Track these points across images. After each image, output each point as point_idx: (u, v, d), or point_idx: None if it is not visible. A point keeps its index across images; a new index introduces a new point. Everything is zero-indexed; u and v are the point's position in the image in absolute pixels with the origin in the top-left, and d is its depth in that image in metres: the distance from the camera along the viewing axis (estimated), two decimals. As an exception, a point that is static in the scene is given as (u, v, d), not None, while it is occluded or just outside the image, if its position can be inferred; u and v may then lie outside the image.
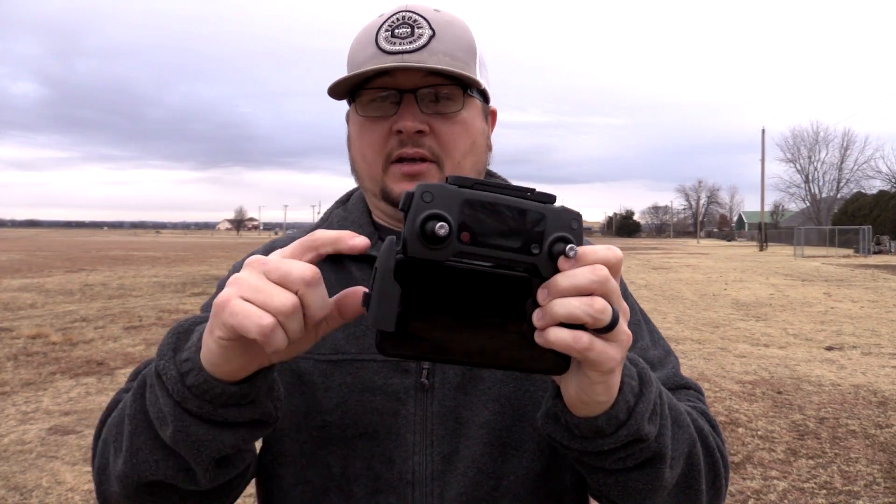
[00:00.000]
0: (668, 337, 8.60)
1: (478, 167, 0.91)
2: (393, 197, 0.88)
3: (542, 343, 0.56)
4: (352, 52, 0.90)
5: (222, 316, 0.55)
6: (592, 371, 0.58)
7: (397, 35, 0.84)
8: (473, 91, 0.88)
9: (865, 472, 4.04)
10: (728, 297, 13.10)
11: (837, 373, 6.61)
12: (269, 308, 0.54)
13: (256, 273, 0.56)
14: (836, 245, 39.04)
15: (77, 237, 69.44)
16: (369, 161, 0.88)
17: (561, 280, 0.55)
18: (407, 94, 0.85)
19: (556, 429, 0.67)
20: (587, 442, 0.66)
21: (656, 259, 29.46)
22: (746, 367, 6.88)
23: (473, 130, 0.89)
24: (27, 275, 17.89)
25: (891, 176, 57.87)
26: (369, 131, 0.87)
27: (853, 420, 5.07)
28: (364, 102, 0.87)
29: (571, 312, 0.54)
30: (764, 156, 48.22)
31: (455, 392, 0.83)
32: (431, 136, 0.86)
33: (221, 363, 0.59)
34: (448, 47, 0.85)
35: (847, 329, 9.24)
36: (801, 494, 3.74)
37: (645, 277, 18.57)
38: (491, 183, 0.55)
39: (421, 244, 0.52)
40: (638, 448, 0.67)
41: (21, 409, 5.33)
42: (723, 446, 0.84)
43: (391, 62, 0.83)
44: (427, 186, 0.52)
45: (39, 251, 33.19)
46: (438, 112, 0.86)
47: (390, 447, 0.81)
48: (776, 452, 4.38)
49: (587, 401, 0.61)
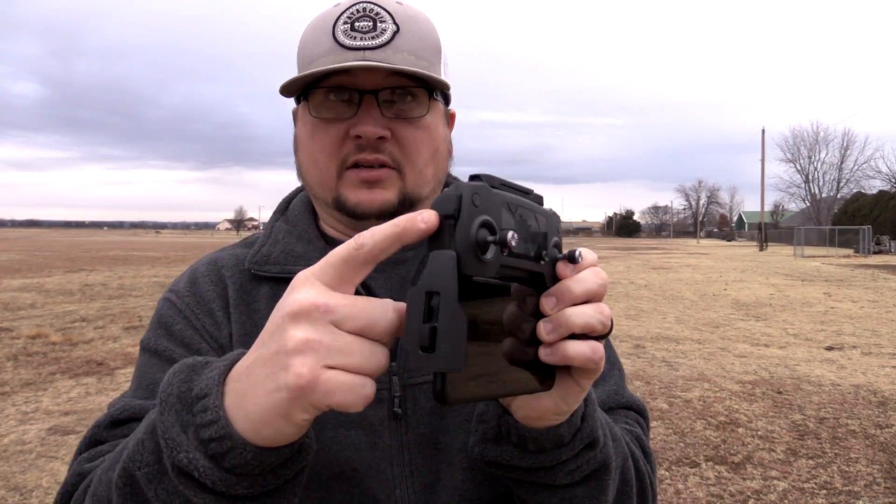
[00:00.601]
0: (667, 337, 8.60)
1: (439, 175, 0.85)
2: (348, 206, 0.80)
3: (553, 360, 0.50)
4: (304, 44, 0.81)
5: (315, 397, 0.43)
6: (586, 379, 0.54)
7: (357, 28, 0.76)
8: (438, 94, 0.82)
9: (865, 472, 4.04)
10: (728, 297, 13.10)
11: (837, 373, 6.61)
12: (368, 372, 0.44)
13: (325, 327, 0.44)
14: (836, 245, 39.03)
15: (77, 237, 69.44)
16: (321, 166, 0.80)
17: (573, 286, 0.50)
18: (367, 95, 0.77)
19: (501, 451, 0.62)
20: (542, 456, 0.61)
21: (656, 259, 29.45)
22: (746, 367, 6.87)
23: (437, 136, 0.83)
24: (27, 275, 17.88)
25: (891, 176, 57.88)
26: (322, 134, 0.79)
27: (853, 420, 5.07)
28: (317, 102, 0.79)
29: (588, 322, 0.50)
30: (764, 156, 48.24)
31: (430, 417, 0.76)
32: (392, 141, 0.79)
33: (281, 437, 0.47)
34: (413, 45, 0.78)
35: (847, 329, 9.23)
36: (801, 494, 3.74)
37: (645, 277, 18.56)
38: (512, 184, 0.50)
39: (476, 259, 0.43)
40: (589, 456, 0.64)
41: (21, 409, 5.32)
42: (653, 475, 0.80)
43: (353, 59, 0.75)
44: (475, 187, 0.44)
45: (39, 251, 33.17)
46: (401, 116, 0.79)
47: (371, 484, 0.74)
48: (776, 452, 4.38)
49: (565, 410, 0.57)
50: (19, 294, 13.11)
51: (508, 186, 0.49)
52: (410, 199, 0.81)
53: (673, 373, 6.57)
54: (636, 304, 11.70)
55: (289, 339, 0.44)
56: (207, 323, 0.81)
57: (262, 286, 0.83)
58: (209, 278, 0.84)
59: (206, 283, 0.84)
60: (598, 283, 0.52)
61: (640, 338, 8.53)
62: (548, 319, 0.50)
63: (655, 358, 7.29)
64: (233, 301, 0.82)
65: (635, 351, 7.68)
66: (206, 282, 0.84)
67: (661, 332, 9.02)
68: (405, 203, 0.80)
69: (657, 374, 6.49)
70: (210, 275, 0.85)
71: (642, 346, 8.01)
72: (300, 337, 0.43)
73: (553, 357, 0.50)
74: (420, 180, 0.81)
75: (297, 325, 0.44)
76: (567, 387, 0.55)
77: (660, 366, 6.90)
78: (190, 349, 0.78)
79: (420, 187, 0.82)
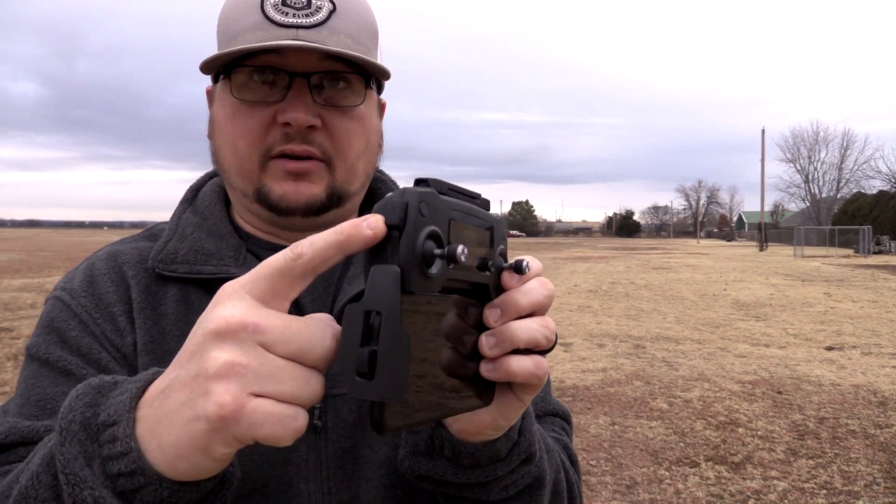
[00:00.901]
0: (667, 337, 8.60)
1: (368, 170, 0.79)
2: (272, 199, 0.73)
3: (495, 377, 0.47)
4: (227, 15, 0.73)
5: (238, 429, 0.38)
6: (528, 394, 0.51)
7: (290, 4, 0.69)
8: (373, 82, 0.76)
9: (865, 472, 4.04)
10: (728, 298, 13.10)
11: (837, 373, 6.61)
12: (300, 402, 0.39)
13: (254, 349, 0.39)
14: (836, 245, 39.04)
15: (77, 237, 69.42)
16: (242, 154, 0.72)
17: (520, 298, 0.47)
18: (298, 78, 0.70)
19: (433, 465, 0.59)
20: (477, 471, 0.58)
21: (656, 259, 29.46)
22: (746, 367, 6.88)
23: (370, 128, 0.77)
24: (27, 275, 17.88)
25: (891, 176, 57.89)
26: (245, 118, 0.71)
27: (853, 420, 5.07)
28: (240, 82, 0.71)
29: (533, 336, 0.47)
30: (764, 156, 48.25)
31: (352, 430, 0.70)
32: (323, 131, 0.72)
33: (201, 472, 0.42)
34: (351, 27, 0.71)
35: (847, 329, 9.23)
36: (801, 494, 3.74)
37: (645, 277, 18.57)
38: (459, 188, 0.46)
39: (421, 274, 0.39)
40: (525, 470, 0.61)
41: (21, 409, 5.33)
42: (580, 483, 0.77)
43: (284, 38, 0.68)
44: (423, 194, 0.40)
45: (39, 251, 33.18)
46: (334, 104, 0.72)
47: (282, 501, 0.67)
48: (776, 452, 4.38)
49: (504, 425, 0.54)
50: (19, 294, 13.11)
51: (456, 191, 0.45)
52: (339, 194, 0.75)
53: (673, 373, 6.57)
54: (636, 304, 11.71)
55: (211, 362, 0.38)
56: (108, 329, 0.71)
57: (170, 287, 0.74)
58: (109, 277, 0.74)
59: (106, 283, 0.74)
60: (544, 295, 0.48)
61: (640, 338, 8.54)
62: (490, 333, 0.47)
63: (655, 358, 7.29)
64: (137, 304, 0.72)
65: (635, 351, 7.68)
66: (105, 281, 0.74)
67: (661, 332, 9.02)
68: (333, 198, 0.75)
69: (657, 374, 6.50)
70: (110, 273, 0.75)
71: (642, 346, 8.01)
72: (224, 359, 0.38)
73: (495, 373, 0.47)
74: (350, 175, 0.75)
75: (221, 346, 0.38)
76: (507, 401, 0.52)
77: (660, 366, 6.90)
78: (87, 359, 0.69)
79: (350, 182, 0.76)
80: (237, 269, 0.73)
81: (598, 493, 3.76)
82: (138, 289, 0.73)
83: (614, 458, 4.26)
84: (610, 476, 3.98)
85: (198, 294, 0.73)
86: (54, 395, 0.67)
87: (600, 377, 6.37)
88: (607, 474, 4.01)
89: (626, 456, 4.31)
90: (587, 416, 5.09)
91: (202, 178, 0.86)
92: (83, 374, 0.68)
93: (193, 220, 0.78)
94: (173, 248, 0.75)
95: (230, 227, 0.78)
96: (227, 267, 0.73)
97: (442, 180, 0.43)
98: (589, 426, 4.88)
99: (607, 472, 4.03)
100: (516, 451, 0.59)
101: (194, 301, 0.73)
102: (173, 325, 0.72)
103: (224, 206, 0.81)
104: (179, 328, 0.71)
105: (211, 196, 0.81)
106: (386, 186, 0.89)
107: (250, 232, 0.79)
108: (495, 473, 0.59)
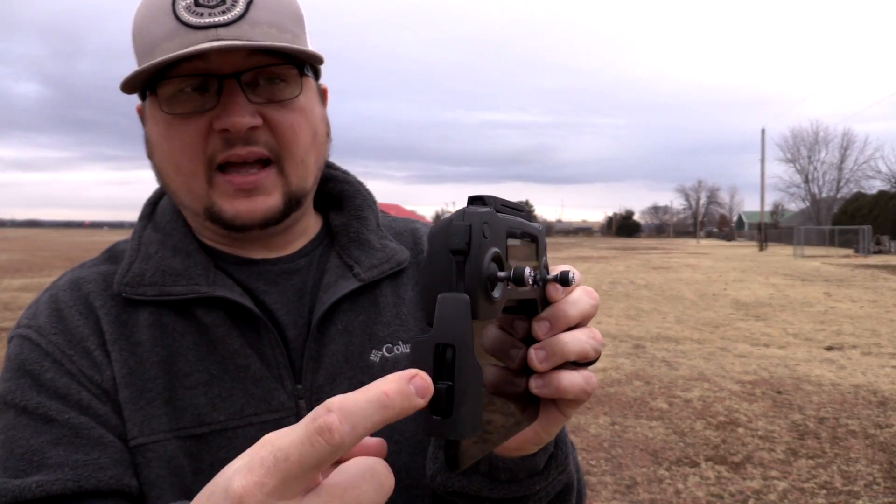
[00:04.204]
0: (667, 337, 8.61)
1: (320, 163, 0.75)
2: (225, 219, 0.69)
3: (545, 393, 0.46)
4: (139, 27, 0.68)
5: None
6: (572, 408, 0.50)
7: (203, 3, 0.64)
8: (308, 69, 0.72)
9: (865, 472, 4.04)
10: (728, 297, 13.10)
11: (837, 373, 6.61)
12: None
13: None
14: (836, 245, 39.06)
15: (77, 237, 69.42)
16: (185, 171, 0.68)
17: (568, 309, 0.46)
18: (228, 80, 0.65)
19: (468, 482, 0.56)
20: (514, 486, 0.56)
21: (656, 259, 29.46)
22: (746, 366, 6.88)
23: (314, 118, 0.73)
24: (27, 275, 17.88)
25: (891, 176, 57.87)
26: (180, 133, 0.67)
27: (853, 420, 5.07)
28: (168, 95, 0.67)
29: (582, 348, 0.45)
30: (764, 156, 48.22)
31: None
32: (265, 129, 0.68)
33: None
34: (272, 15, 0.66)
35: (847, 329, 9.24)
36: (801, 494, 3.75)
37: (645, 277, 18.57)
38: (509, 202, 0.44)
39: (487, 300, 0.37)
40: (558, 479, 0.59)
41: (21, 408, 5.32)
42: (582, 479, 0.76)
43: (203, 40, 0.63)
44: (484, 215, 0.38)
45: (39, 251, 33.19)
46: (271, 99, 0.68)
47: None
48: (776, 452, 4.38)
49: (545, 440, 0.52)
50: (19, 294, 13.11)
51: (507, 206, 0.44)
52: (296, 197, 0.72)
53: (673, 373, 6.57)
54: (636, 304, 11.71)
55: None
56: (84, 365, 0.67)
57: (140, 312, 0.70)
58: (76, 309, 0.70)
59: (75, 316, 0.69)
60: (591, 304, 0.47)
61: (640, 338, 8.54)
62: (540, 346, 0.45)
63: (655, 358, 7.29)
64: (110, 336, 0.68)
65: (635, 351, 7.68)
66: (73, 314, 0.69)
67: (661, 331, 9.03)
68: (291, 204, 0.71)
69: (657, 374, 6.50)
70: (77, 304, 0.70)
71: (642, 345, 8.01)
72: None
73: (546, 390, 0.45)
74: (303, 172, 0.72)
75: None
76: (551, 416, 0.50)
77: (660, 366, 6.90)
78: (67, 401, 0.65)
79: (304, 181, 0.73)
80: (207, 286, 0.69)
81: (598, 493, 3.76)
82: (108, 319, 0.70)
83: (614, 458, 4.26)
84: (610, 476, 3.99)
85: (170, 316, 0.70)
86: (39, 447, 0.62)
87: (600, 377, 6.37)
88: (607, 474, 4.01)
89: (626, 456, 4.31)
90: (587, 416, 5.10)
91: (158, 191, 0.81)
92: (66, 418, 0.64)
93: (156, 238, 0.74)
94: (139, 269, 0.71)
95: (195, 244, 0.74)
96: (197, 286, 0.70)
97: (496, 196, 0.42)
98: (589, 426, 4.88)
99: (607, 472, 4.04)
100: (553, 463, 0.58)
101: (168, 324, 0.70)
102: (150, 352, 0.69)
103: (185, 221, 0.76)
104: (157, 353, 0.69)
105: (170, 211, 0.77)
106: (339, 183, 0.84)
107: (213, 246, 0.76)
108: (532, 488, 0.57)
